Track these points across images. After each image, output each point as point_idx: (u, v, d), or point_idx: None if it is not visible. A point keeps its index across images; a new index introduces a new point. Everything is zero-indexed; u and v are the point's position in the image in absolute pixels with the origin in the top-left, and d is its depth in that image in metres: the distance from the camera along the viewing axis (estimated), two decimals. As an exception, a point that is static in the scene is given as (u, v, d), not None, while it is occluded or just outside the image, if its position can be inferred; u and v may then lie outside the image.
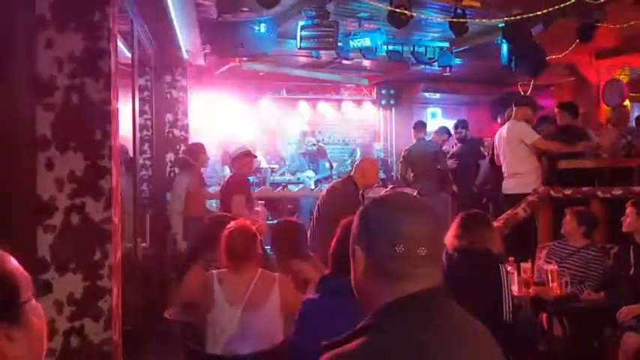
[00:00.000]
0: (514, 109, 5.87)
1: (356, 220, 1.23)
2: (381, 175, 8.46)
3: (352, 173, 4.96)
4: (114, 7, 2.66)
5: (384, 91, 10.09)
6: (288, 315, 2.81)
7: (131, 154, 4.98)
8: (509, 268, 3.91)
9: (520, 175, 5.63)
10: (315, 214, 4.96)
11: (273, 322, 2.79)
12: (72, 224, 2.48)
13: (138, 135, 5.19)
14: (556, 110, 6.16)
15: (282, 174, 8.87)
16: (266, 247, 3.75)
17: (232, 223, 2.99)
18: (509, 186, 5.73)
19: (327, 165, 8.86)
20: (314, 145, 9.05)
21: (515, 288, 3.90)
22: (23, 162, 2.50)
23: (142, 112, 5.87)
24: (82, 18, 2.53)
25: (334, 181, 5.76)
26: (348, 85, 10.06)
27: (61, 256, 2.47)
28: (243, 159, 5.40)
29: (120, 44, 3.61)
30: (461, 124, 7.47)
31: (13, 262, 0.96)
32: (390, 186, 7.18)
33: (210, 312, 2.79)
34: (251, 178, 7.56)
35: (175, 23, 5.17)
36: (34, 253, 2.45)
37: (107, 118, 2.54)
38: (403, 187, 6.66)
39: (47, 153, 2.50)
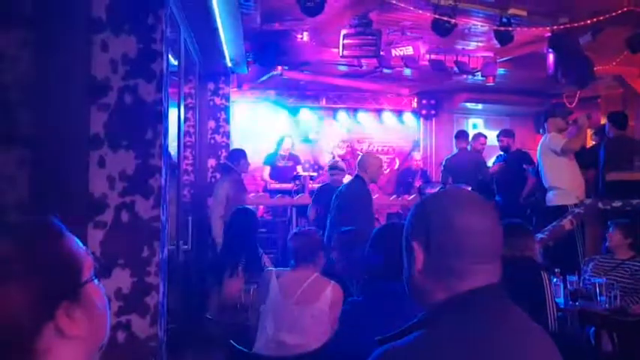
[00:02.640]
0: (547, 121, 5.80)
1: (412, 215, 1.20)
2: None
3: (358, 172, 5.10)
4: (167, 11, 2.72)
5: (424, 101, 10.03)
6: (336, 319, 2.85)
7: (175, 159, 5.08)
8: (554, 280, 3.82)
9: (558, 187, 5.56)
10: (331, 217, 5.01)
11: (320, 320, 2.86)
12: (122, 221, 2.54)
13: (182, 140, 5.30)
14: (605, 120, 6.04)
15: (321, 182, 8.88)
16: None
17: (301, 228, 3.17)
18: (549, 198, 5.67)
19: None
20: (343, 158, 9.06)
21: (561, 301, 3.81)
22: (77, 160, 2.58)
23: (185, 119, 5.99)
24: (137, 21, 2.60)
25: (344, 184, 5.72)
26: (389, 95, 10.04)
27: (110, 252, 2.52)
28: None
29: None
30: (503, 133, 7.37)
31: (76, 242, 0.98)
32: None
33: (264, 303, 2.94)
34: (289, 186, 7.65)
35: (221, 32, 5.27)
36: (85, 248, 2.51)
37: (158, 118, 2.60)
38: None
39: (100, 151, 2.57)
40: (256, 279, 3.45)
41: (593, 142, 5.82)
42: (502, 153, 7.29)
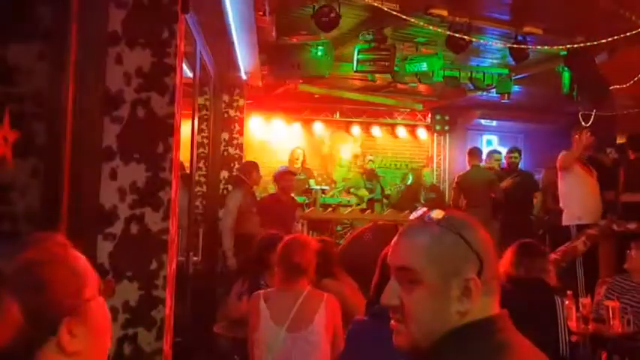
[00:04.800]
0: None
1: (454, 250, 1.09)
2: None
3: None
4: (182, 26, 2.75)
5: (438, 117, 10.01)
6: (335, 336, 2.77)
7: (188, 170, 5.10)
8: (566, 302, 3.76)
9: (563, 207, 5.61)
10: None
11: (319, 344, 2.70)
12: (131, 233, 2.55)
13: (195, 152, 5.32)
14: (621, 139, 6.01)
15: (333, 195, 8.89)
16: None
17: (290, 236, 3.02)
18: (562, 217, 5.69)
19: (379, 188, 8.86)
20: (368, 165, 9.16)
21: (573, 324, 3.74)
22: (89, 171, 2.60)
23: (199, 130, 6.02)
24: (151, 35, 2.63)
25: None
26: (403, 110, 10.02)
27: (119, 264, 2.53)
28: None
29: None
30: (514, 149, 7.39)
31: (83, 259, 0.98)
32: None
33: (256, 331, 2.75)
34: (301, 199, 7.61)
35: (236, 45, 5.31)
36: (94, 260, 2.53)
37: (170, 131, 2.61)
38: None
39: (112, 163, 2.59)
40: None
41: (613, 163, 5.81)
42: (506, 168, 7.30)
